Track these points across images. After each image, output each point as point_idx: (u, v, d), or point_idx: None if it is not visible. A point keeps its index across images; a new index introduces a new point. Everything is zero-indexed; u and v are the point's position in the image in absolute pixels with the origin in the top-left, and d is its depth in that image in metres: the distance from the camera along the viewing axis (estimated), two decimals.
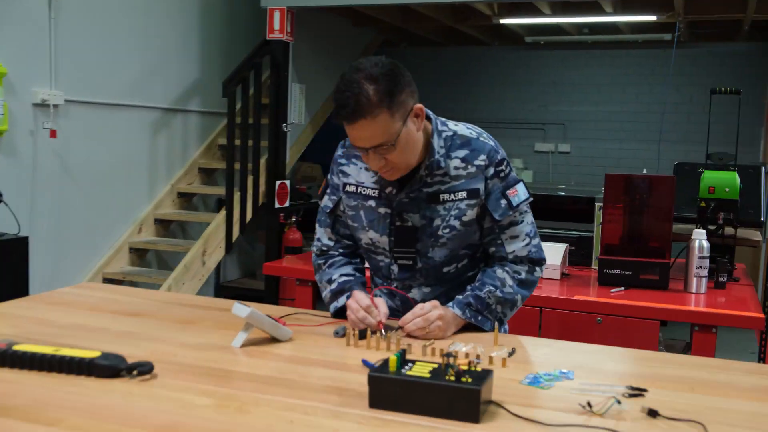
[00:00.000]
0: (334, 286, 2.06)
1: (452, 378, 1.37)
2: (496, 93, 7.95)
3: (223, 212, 5.57)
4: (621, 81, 7.42)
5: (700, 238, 3.14)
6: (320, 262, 2.14)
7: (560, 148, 7.69)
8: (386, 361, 1.43)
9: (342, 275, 2.07)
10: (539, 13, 5.80)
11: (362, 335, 1.81)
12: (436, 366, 1.44)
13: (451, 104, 8.08)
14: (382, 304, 1.90)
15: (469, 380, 1.36)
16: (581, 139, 7.47)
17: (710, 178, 3.37)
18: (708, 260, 3.15)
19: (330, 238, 2.12)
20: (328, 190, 2.11)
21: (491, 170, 1.94)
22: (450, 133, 1.96)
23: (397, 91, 1.77)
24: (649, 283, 3.21)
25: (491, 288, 1.96)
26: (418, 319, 1.86)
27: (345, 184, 2.04)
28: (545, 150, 7.75)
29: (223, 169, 5.85)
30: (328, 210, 2.10)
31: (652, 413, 1.39)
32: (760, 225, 3.53)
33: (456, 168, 1.93)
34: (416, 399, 1.36)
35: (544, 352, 1.82)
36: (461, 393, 1.34)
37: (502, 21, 6.04)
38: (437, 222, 1.94)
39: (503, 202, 1.96)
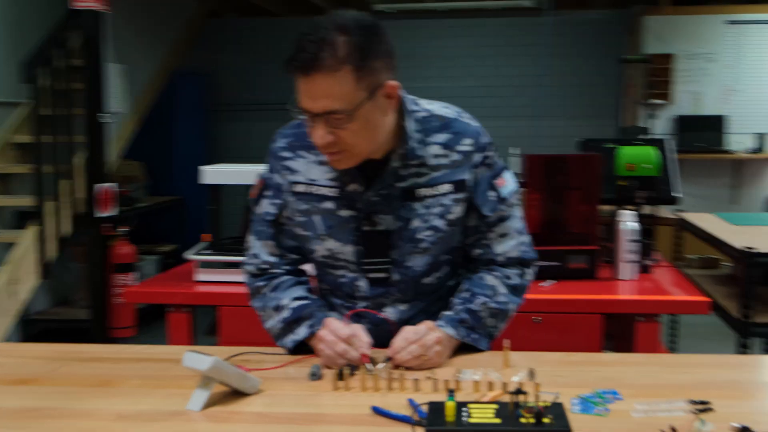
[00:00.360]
0: (286, 314, 1.84)
1: (532, 420, 1.23)
2: None
3: (32, 228, 5.06)
4: (478, 53, 7.55)
5: (627, 219, 3.20)
6: (260, 284, 1.92)
7: None
8: (435, 409, 1.27)
9: (295, 299, 1.86)
10: None
11: (340, 375, 1.62)
12: (496, 407, 1.29)
13: (286, 83, 7.77)
14: (361, 332, 1.72)
15: (551, 420, 1.23)
16: None
17: (628, 154, 3.43)
18: (638, 244, 3.21)
19: (272, 253, 1.90)
20: (268, 193, 1.88)
21: (478, 157, 1.79)
22: (425, 114, 1.79)
23: (370, 53, 1.59)
24: (578, 272, 3.22)
25: (484, 299, 1.83)
26: (413, 346, 1.69)
27: (292, 183, 1.82)
28: None
29: (22, 174, 5.32)
30: (271, 218, 1.87)
31: (745, 431, 1.33)
32: (675, 201, 3.66)
33: (435, 156, 1.76)
34: None
35: (547, 370, 1.70)
36: None
37: None
38: (415, 223, 1.77)
39: (492, 194, 1.83)
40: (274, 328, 1.87)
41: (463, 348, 1.82)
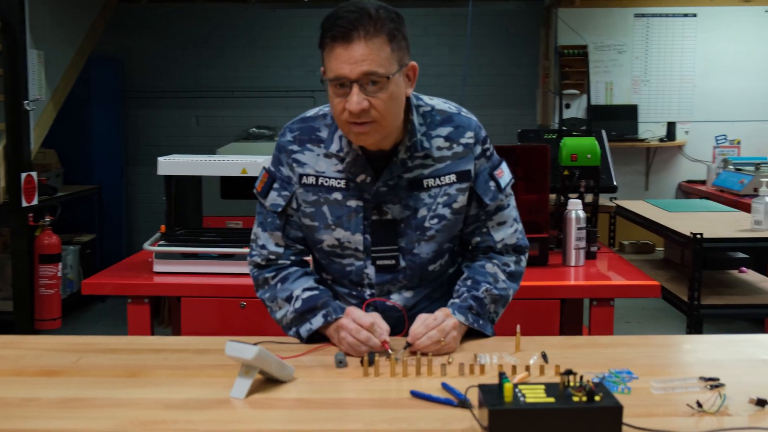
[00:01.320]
0: (298, 304, 1.90)
1: (584, 398, 1.33)
2: (257, 58, 7.80)
3: None
4: None
5: (576, 208, 3.36)
6: (268, 275, 1.96)
7: None
8: (489, 391, 1.36)
9: (305, 290, 1.91)
10: None
11: (371, 360, 1.69)
12: (543, 387, 1.39)
13: (201, 70, 7.79)
14: (380, 319, 1.79)
15: (601, 397, 1.34)
16: None
17: (571, 145, 3.60)
18: (585, 231, 3.37)
19: (279, 244, 1.96)
20: (276, 185, 1.93)
21: (478, 149, 1.92)
22: (428, 108, 1.91)
23: (399, 31, 1.75)
24: (530, 260, 3.35)
25: (487, 286, 1.94)
26: (433, 331, 1.78)
27: (301, 176, 1.89)
28: None
29: None
30: (279, 209, 1.93)
31: (762, 403, 1.47)
32: (614, 190, 3.85)
33: (439, 148, 1.88)
34: (548, 429, 1.31)
35: (556, 353, 1.82)
36: (604, 414, 1.32)
37: None
38: (422, 212, 1.88)
39: (492, 184, 1.94)
40: (286, 318, 1.92)
41: (468, 334, 1.92)
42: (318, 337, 1.88)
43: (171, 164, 3.26)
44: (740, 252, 3.97)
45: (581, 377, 1.38)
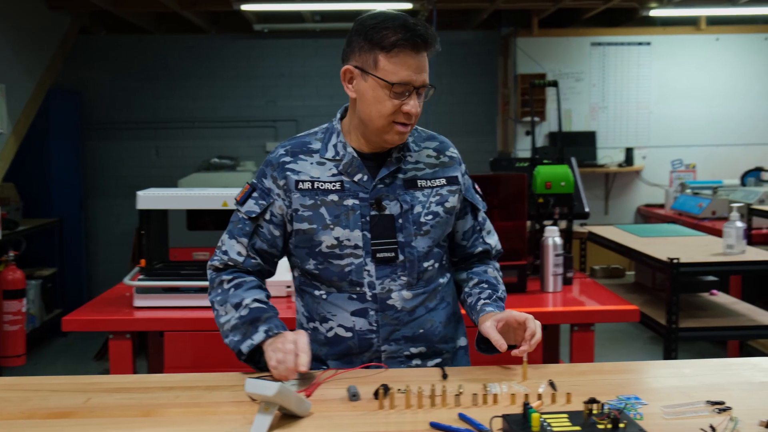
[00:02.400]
0: (244, 312, 1.94)
1: (609, 426, 1.37)
2: (217, 88, 7.79)
3: None
4: None
5: (553, 235, 3.42)
6: (225, 277, 2.02)
7: None
8: (515, 422, 1.39)
9: (255, 300, 1.97)
10: None
11: (386, 392, 1.71)
12: (566, 416, 1.42)
13: (161, 101, 7.75)
14: (304, 345, 1.81)
15: (626, 425, 1.37)
16: None
17: (545, 173, 3.67)
18: (562, 257, 3.44)
19: (240, 253, 2.02)
20: (255, 194, 2.02)
21: (463, 166, 2.13)
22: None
23: None
24: (509, 287, 3.40)
25: (500, 285, 2.15)
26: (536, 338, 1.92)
27: (297, 182, 1.98)
28: None
29: None
30: (253, 215, 2.00)
31: None
32: (586, 216, 3.93)
33: (429, 156, 2.06)
34: None
35: (563, 380, 1.86)
36: None
37: (244, 7, 5.94)
38: (418, 209, 2.00)
39: (477, 196, 2.16)
40: (228, 324, 1.96)
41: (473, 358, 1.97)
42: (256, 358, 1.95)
43: (149, 198, 3.23)
44: (710, 275, 4.08)
45: (603, 405, 1.42)
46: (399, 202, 1.97)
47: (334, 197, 1.96)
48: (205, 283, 3.08)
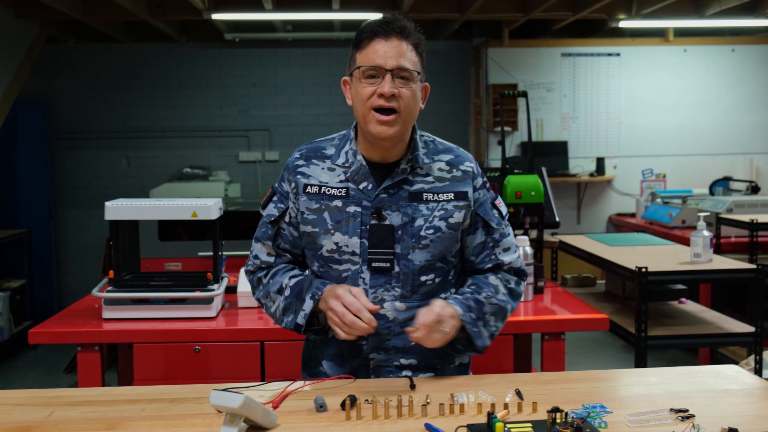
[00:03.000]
0: (287, 292, 2.04)
1: None
2: (188, 97, 7.76)
3: None
4: (326, 81, 7.71)
5: (523, 245, 3.43)
6: (260, 274, 2.13)
7: (268, 157, 7.76)
8: (483, 430, 1.39)
9: (292, 277, 2.06)
10: (260, 8, 5.81)
11: (353, 403, 1.71)
12: (530, 425, 1.43)
13: (131, 111, 7.70)
14: (362, 295, 1.92)
15: None
16: (290, 146, 7.62)
17: (515, 183, 3.70)
18: (533, 267, 3.46)
19: (269, 254, 2.12)
20: (275, 198, 2.11)
21: (480, 180, 2.10)
22: (430, 139, 2.11)
23: (423, 47, 2.00)
24: None
25: (489, 293, 2.05)
26: (433, 316, 1.89)
27: (305, 185, 2.04)
28: (251, 159, 7.76)
29: None
30: (272, 219, 2.09)
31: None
32: (557, 225, 3.96)
33: (440, 170, 2.04)
34: None
35: (529, 390, 1.87)
36: None
37: (214, 16, 5.93)
38: (420, 222, 2.00)
39: (495, 212, 2.11)
40: (278, 309, 2.05)
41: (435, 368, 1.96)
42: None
43: (118, 209, 3.21)
44: (679, 284, 4.11)
45: (566, 414, 1.43)
46: (401, 213, 1.99)
47: (338, 203, 2.01)
48: (175, 294, 3.10)
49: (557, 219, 4.02)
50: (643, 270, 3.39)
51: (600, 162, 7.32)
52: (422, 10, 6.14)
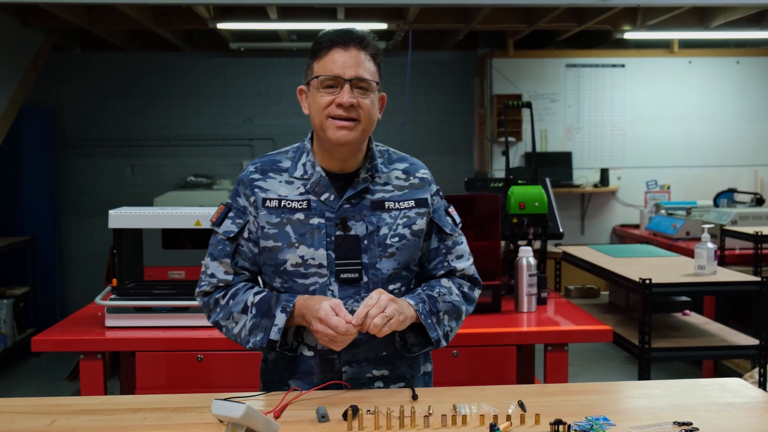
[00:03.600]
0: (254, 310, 1.97)
1: None
2: (192, 106, 7.77)
3: None
4: None
5: (526, 255, 3.43)
6: (218, 296, 2.04)
7: None
8: None
9: (256, 294, 2.00)
10: (264, 17, 5.83)
11: (354, 413, 1.71)
12: None
13: (136, 119, 7.72)
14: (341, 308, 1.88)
15: None
16: None
17: (519, 193, 3.69)
18: (536, 277, 3.45)
19: (227, 272, 2.05)
20: (231, 214, 2.05)
21: (434, 187, 2.12)
22: (384, 149, 2.12)
23: (380, 58, 2.01)
24: (484, 306, 3.42)
25: (441, 290, 2.04)
26: (373, 310, 1.84)
27: (264, 199, 2.00)
28: None
29: None
30: (231, 235, 2.03)
31: None
32: (560, 236, 3.96)
33: (398, 178, 2.07)
34: None
35: (532, 401, 1.86)
36: None
37: (220, 26, 5.94)
38: (384, 230, 2.00)
39: (449, 219, 2.12)
40: (245, 329, 1.98)
41: (439, 378, 1.96)
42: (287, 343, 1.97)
43: (122, 217, 3.22)
44: (683, 296, 4.10)
45: (569, 426, 1.42)
46: (365, 223, 1.98)
47: (300, 216, 1.98)
48: (178, 303, 3.11)
49: (561, 230, 4.01)
50: (647, 282, 3.38)
51: (604, 173, 7.31)
52: (427, 21, 6.15)
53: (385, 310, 1.84)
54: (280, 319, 1.91)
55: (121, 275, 3.29)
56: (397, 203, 2.02)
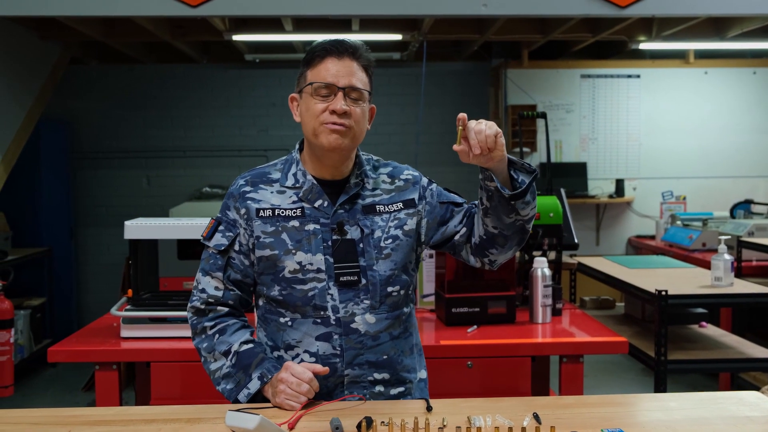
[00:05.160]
0: (234, 360, 1.99)
1: None
2: (208, 117, 7.81)
3: None
4: None
5: (541, 266, 3.42)
6: (207, 324, 2.06)
7: None
8: None
9: (242, 343, 2.02)
10: (280, 29, 5.85)
11: (369, 424, 1.70)
12: None
13: (152, 131, 7.75)
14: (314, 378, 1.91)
15: None
16: None
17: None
18: (551, 288, 3.44)
19: (218, 287, 2.07)
20: (221, 227, 2.07)
21: (424, 180, 2.18)
22: (368, 157, 2.17)
23: (372, 69, 2.06)
24: (498, 317, 3.41)
25: None
26: (482, 125, 1.86)
27: (257, 210, 2.03)
28: None
29: None
30: (222, 248, 2.05)
31: None
32: (575, 247, 3.94)
33: (384, 182, 2.13)
34: None
35: (547, 413, 1.85)
36: None
37: (235, 38, 5.97)
38: (378, 233, 2.05)
39: (453, 194, 2.18)
40: (220, 371, 2.00)
41: (453, 389, 1.94)
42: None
43: (137, 228, 3.23)
44: (700, 308, 4.07)
45: None
46: (359, 226, 2.03)
47: (295, 223, 2.01)
48: None
49: (576, 240, 3.99)
50: (664, 293, 3.36)
51: (619, 183, 7.29)
52: (442, 32, 6.16)
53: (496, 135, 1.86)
54: (254, 384, 1.95)
55: (137, 286, 3.30)
56: (386, 206, 2.08)
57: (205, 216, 3.50)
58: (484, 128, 1.85)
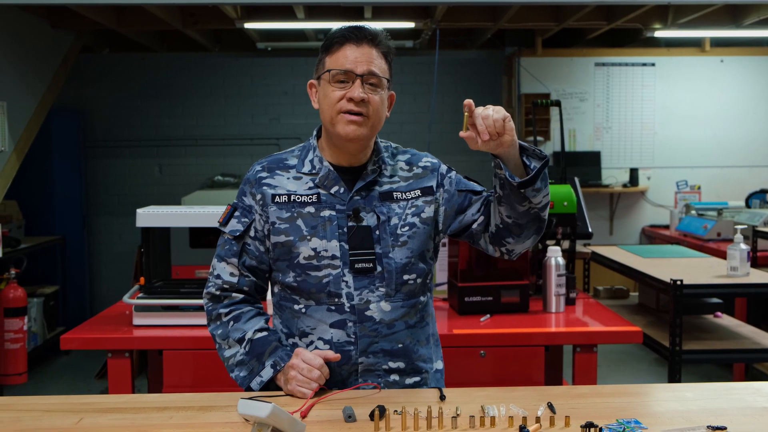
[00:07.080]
0: (248, 347, 2.00)
1: None
2: (220, 106, 7.81)
3: None
4: None
5: (555, 255, 3.40)
6: (222, 311, 2.06)
7: None
8: None
9: (257, 331, 2.02)
10: (291, 17, 5.84)
11: (382, 413, 1.69)
12: None
13: (164, 119, 7.75)
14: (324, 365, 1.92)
15: None
16: None
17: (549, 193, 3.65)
18: (565, 278, 3.42)
19: (233, 273, 2.07)
20: (237, 213, 2.07)
21: (443, 167, 2.15)
22: (387, 144, 2.16)
23: (392, 56, 2.05)
24: (511, 306, 3.39)
25: None
26: (489, 110, 1.85)
27: (273, 195, 2.03)
28: None
29: None
30: (237, 234, 2.05)
31: None
32: (589, 236, 3.92)
33: (402, 169, 2.10)
34: None
35: (561, 403, 1.84)
36: None
37: (247, 26, 5.96)
38: (395, 220, 2.03)
39: (472, 183, 2.15)
40: (234, 358, 2.01)
41: (466, 379, 1.93)
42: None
43: (149, 216, 3.23)
44: (715, 297, 4.05)
45: (600, 429, 1.40)
46: (376, 213, 2.01)
47: (310, 209, 2.00)
48: None
49: (590, 230, 3.96)
50: (679, 282, 3.34)
51: (633, 173, 7.25)
52: (455, 20, 6.12)
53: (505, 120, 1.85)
54: (267, 372, 1.95)
55: (149, 274, 3.30)
56: (404, 193, 2.05)
57: (217, 204, 3.50)
58: (491, 113, 1.84)
